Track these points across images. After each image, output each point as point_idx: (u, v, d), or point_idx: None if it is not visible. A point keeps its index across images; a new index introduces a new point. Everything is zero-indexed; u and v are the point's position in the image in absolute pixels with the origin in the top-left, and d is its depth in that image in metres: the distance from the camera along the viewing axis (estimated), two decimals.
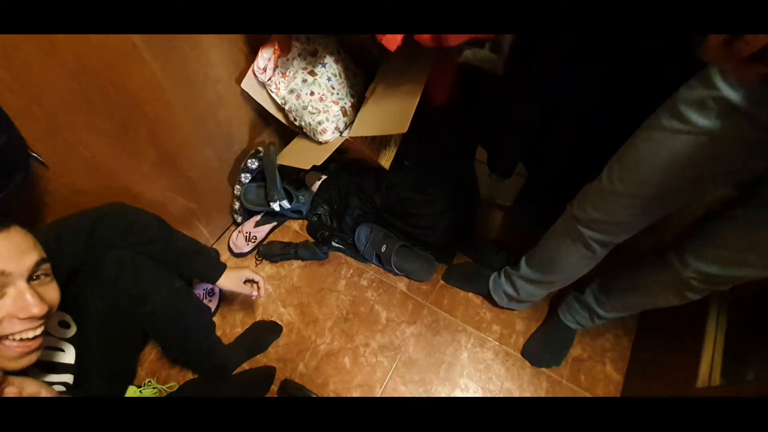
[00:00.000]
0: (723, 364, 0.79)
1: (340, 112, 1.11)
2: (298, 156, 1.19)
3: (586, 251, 0.81)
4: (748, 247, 0.62)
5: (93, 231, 0.74)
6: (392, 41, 0.77)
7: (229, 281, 0.95)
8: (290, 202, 1.28)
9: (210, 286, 1.21)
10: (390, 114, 1.00)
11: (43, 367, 0.68)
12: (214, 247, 1.33)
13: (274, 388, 1.07)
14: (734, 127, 0.52)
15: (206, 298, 1.20)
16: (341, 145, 1.11)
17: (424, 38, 0.77)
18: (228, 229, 1.37)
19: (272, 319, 1.19)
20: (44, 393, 0.54)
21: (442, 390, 1.07)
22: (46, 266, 0.57)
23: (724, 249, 0.65)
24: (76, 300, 0.76)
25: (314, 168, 1.13)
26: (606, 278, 0.96)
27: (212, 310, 1.19)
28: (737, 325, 0.83)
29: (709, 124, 0.54)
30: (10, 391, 0.50)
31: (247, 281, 0.99)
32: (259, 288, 1.00)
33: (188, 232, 0.97)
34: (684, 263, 0.71)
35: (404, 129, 0.91)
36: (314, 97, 1.09)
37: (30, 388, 0.53)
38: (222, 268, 0.95)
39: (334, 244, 1.27)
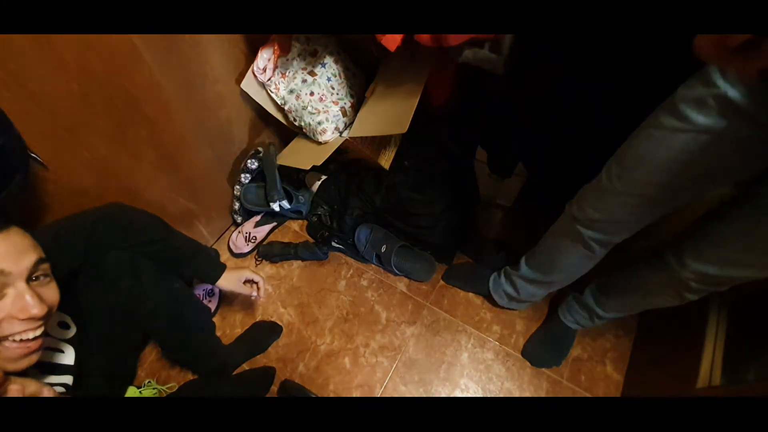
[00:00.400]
0: (723, 364, 0.79)
1: (339, 113, 1.11)
2: (297, 156, 1.19)
3: (585, 251, 0.81)
4: (746, 246, 0.62)
5: (92, 232, 0.74)
6: (392, 41, 0.77)
7: (228, 282, 0.95)
8: (290, 202, 1.28)
9: (210, 286, 1.21)
10: (390, 114, 1.00)
11: (43, 368, 0.68)
12: (213, 247, 1.33)
13: (274, 388, 1.07)
14: (734, 125, 0.52)
15: (206, 298, 1.20)
16: (341, 145, 1.11)
17: (424, 38, 0.77)
18: (228, 229, 1.37)
19: (272, 319, 1.19)
20: (45, 393, 0.54)
21: (442, 390, 1.07)
22: (46, 266, 0.57)
23: (722, 249, 0.65)
24: (76, 301, 0.76)
25: (314, 168, 1.13)
26: (605, 279, 0.96)
27: (212, 310, 1.19)
28: (738, 325, 0.83)
29: (708, 122, 0.54)
30: (14, 389, 0.50)
31: (246, 281, 0.99)
32: (258, 288, 1.00)
33: (188, 232, 0.97)
34: (682, 264, 0.71)
35: (404, 129, 0.91)
36: (314, 98, 1.09)
37: (31, 387, 0.53)
38: (222, 268, 0.95)
39: (334, 244, 1.27)
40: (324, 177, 1.36)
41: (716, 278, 0.67)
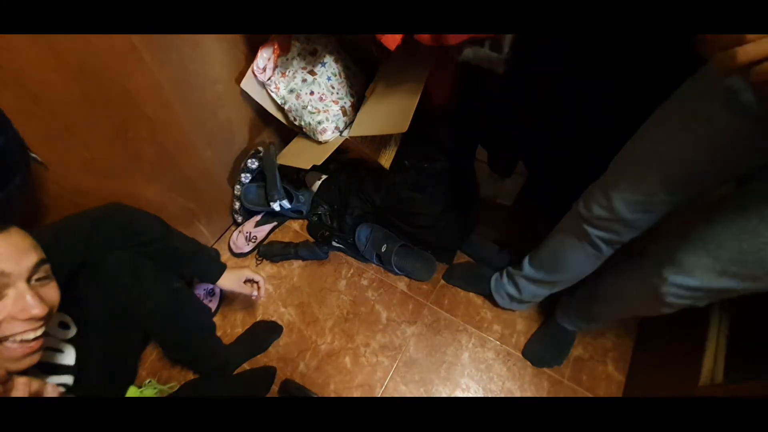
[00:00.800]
0: (726, 362, 0.79)
1: (340, 112, 1.11)
2: (298, 156, 1.19)
3: (592, 250, 0.81)
4: (731, 256, 0.59)
5: (92, 232, 0.74)
6: (392, 40, 0.77)
7: (229, 281, 0.95)
8: (290, 201, 1.28)
9: (210, 286, 1.21)
10: (390, 113, 1.00)
11: (44, 368, 0.68)
12: (214, 247, 1.33)
13: (275, 388, 1.07)
14: (737, 120, 0.52)
15: (207, 298, 1.20)
16: (341, 144, 1.11)
17: (424, 37, 0.77)
18: (228, 229, 1.37)
19: (273, 319, 1.19)
20: (49, 390, 0.54)
21: (442, 390, 1.07)
22: (46, 267, 0.57)
23: (703, 258, 0.61)
24: (76, 301, 0.76)
25: (314, 168, 1.13)
26: (591, 285, 0.93)
27: (212, 310, 1.19)
28: (740, 324, 0.82)
29: (712, 117, 0.54)
30: (20, 382, 0.50)
31: (247, 281, 0.99)
32: (259, 288, 1.00)
33: (188, 232, 0.96)
34: (660, 276, 0.68)
35: (404, 128, 0.91)
36: (314, 97, 1.09)
37: (34, 385, 0.53)
38: (222, 268, 0.95)
39: (334, 243, 1.27)
40: (324, 176, 1.35)
41: (696, 290, 0.64)
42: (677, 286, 0.66)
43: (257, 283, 1.00)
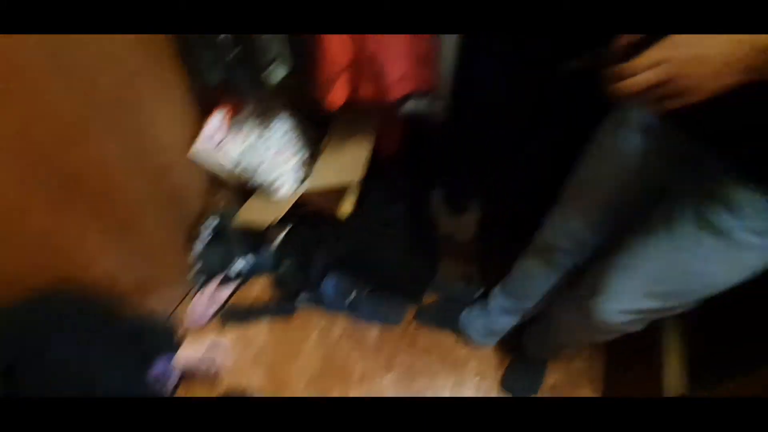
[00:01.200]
0: (689, 373, 0.82)
1: (295, 168, 1.13)
2: (254, 214, 1.19)
3: (556, 275, 0.85)
4: (649, 274, 0.62)
5: (35, 320, 0.69)
6: (336, 102, 0.82)
7: (189, 353, 0.90)
8: (251, 260, 1.26)
9: (169, 360, 1.13)
10: (344, 164, 1.04)
11: None
12: (172, 316, 1.26)
13: None
14: (646, 140, 0.59)
15: (165, 374, 1.11)
16: (299, 199, 1.12)
17: (366, 96, 0.83)
18: (187, 295, 1.31)
19: (241, 387, 1.12)
20: None
21: None
22: None
23: (627, 279, 0.65)
24: (16, 394, 0.68)
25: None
26: (545, 314, 0.96)
27: (172, 388, 1.10)
28: (694, 332, 0.87)
29: (627, 141, 0.61)
30: None
31: (209, 349, 0.94)
32: (222, 355, 0.95)
33: (143, 303, 0.91)
34: (588, 307, 0.70)
35: (358, 178, 0.94)
36: (269, 154, 1.11)
37: None
38: (181, 339, 0.90)
39: (300, 298, 1.25)
40: (285, 231, 1.35)
41: (623, 313, 0.66)
42: (607, 312, 0.67)
43: (220, 350, 0.95)
